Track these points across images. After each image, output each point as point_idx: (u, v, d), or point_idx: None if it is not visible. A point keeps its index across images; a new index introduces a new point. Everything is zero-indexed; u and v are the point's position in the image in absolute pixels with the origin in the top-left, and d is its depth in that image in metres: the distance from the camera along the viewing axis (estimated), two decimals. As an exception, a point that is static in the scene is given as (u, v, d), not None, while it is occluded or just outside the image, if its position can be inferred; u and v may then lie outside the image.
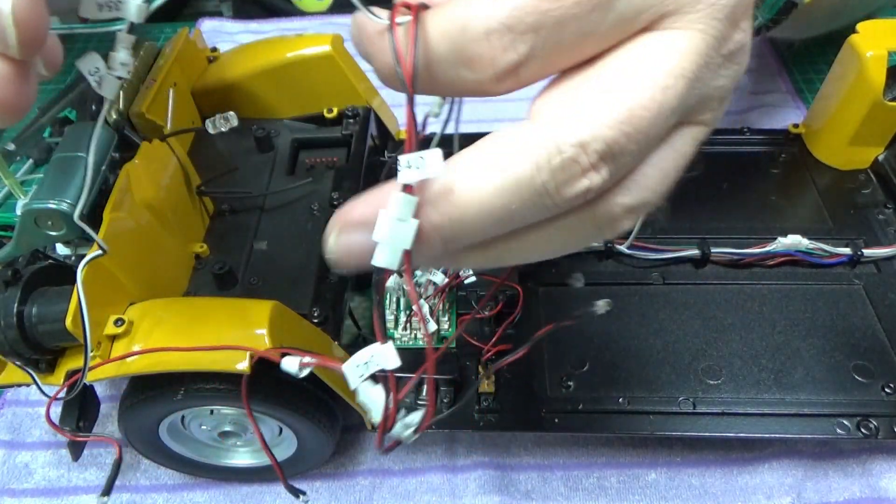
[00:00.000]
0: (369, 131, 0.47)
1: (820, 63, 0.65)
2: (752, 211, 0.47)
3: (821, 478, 0.39)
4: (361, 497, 0.39)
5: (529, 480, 0.39)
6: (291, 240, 0.41)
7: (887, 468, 0.39)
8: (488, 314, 0.40)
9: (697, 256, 0.43)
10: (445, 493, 0.39)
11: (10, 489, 0.40)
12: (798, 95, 0.62)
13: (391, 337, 0.40)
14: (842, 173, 0.49)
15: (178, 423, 0.36)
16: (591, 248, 0.44)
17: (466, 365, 0.39)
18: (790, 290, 0.42)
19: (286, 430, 0.36)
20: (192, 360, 0.30)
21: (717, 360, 0.39)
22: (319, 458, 0.39)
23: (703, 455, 0.40)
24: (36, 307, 0.32)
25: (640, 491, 0.39)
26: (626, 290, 0.43)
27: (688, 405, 0.37)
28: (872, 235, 0.45)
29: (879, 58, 0.43)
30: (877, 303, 0.41)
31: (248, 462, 0.39)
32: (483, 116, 0.62)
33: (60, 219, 0.31)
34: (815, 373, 0.38)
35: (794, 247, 0.43)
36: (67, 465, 0.41)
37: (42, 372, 0.34)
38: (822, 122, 0.49)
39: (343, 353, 0.35)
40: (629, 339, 0.40)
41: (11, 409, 0.43)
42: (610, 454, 0.40)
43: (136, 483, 0.40)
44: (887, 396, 0.37)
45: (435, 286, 0.40)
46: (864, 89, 0.44)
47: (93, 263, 0.31)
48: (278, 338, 0.30)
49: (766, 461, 0.39)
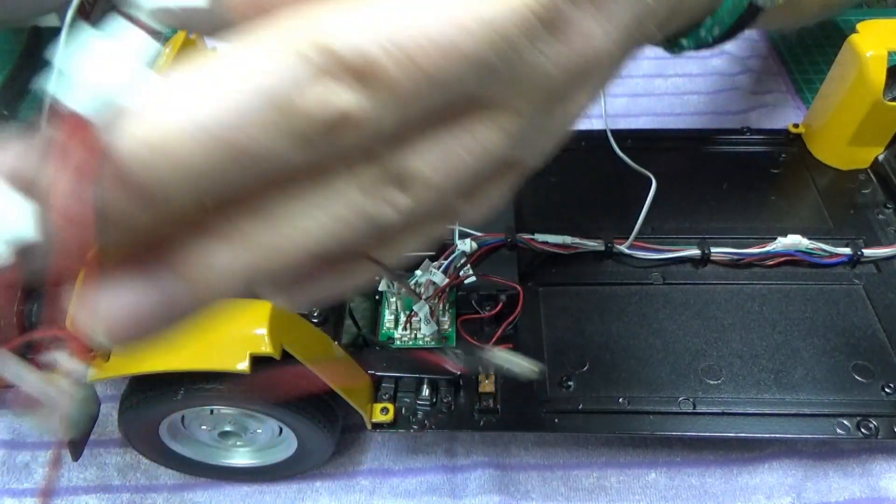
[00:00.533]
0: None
1: (820, 63, 0.65)
2: (752, 211, 0.47)
3: (821, 478, 0.39)
4: (361, 497, 0.39)
5: (529, 480, 0.39)
6: None
7: (887, 468, 0.39)
8: (488, 314, 0.40)
9: (697, 256, 0.43)
10: (445, 493, 0.39)
11: (10, 489, 0.40)
12: (798, 95, 0.62)
13: (391, 337, 0.40)
14: (842, 173, 0.49)
15: (178, 423, 0.36)
16: (592, 249, 0.44)
17: (466, 365, 0.39)
18: (790, 290, 0.42)
19: (286, 430, 0.36)
20: (192, 360, 0.30)
21: (717, 360, 0.39)
22: (319, 458, 0.39)
23: (703, 455, 0.40)
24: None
25: (640, 491, 0.39)
26: (626, 290, 0.43)
27: (688, 405, 0.37)
28: (872, 235, 0.45)
29: (879, 58, 0.43)
30: (877, 303, 0.41)
31: (248, 462, 0.39)
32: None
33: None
34: (815, 373, 0.38)
35: (794, 247, 0.43)
36: (67, 465, 0.41)
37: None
38: (822, 122, 0.49)
39: (343, 353, 0.35)
40: (629, 339, 0.40)
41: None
42: (610, 454, 0.40)
43: (136, 483, 0.40)
44: (887, 396, 0.37)
45: (435, 286, 0.40)
46: (864, 89, 0.44)
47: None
48: (278, 338, 0.30)
49: (766, 461, 0.39)
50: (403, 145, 0.15)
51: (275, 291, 0.17)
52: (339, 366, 0.35)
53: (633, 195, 0.46)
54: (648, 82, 0.64)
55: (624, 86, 0.64)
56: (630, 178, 0.48)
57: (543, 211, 0.47)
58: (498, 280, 0.40)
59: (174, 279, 0.15)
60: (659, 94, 0.63)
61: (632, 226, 0.44)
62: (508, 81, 0.15)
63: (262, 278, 0.15)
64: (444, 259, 0.41)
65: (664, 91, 0.63)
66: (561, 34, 0.15)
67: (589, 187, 0.49)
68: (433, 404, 0.37)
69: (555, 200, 0.48)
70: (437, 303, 0.40)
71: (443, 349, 0.39)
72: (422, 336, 0.40)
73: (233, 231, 0.14)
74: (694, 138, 0.53)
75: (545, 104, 0.17)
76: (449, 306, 0.41)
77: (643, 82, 0.64)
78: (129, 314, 0.15)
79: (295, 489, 0.40)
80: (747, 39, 0.68)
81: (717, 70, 0.65)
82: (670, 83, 0.64)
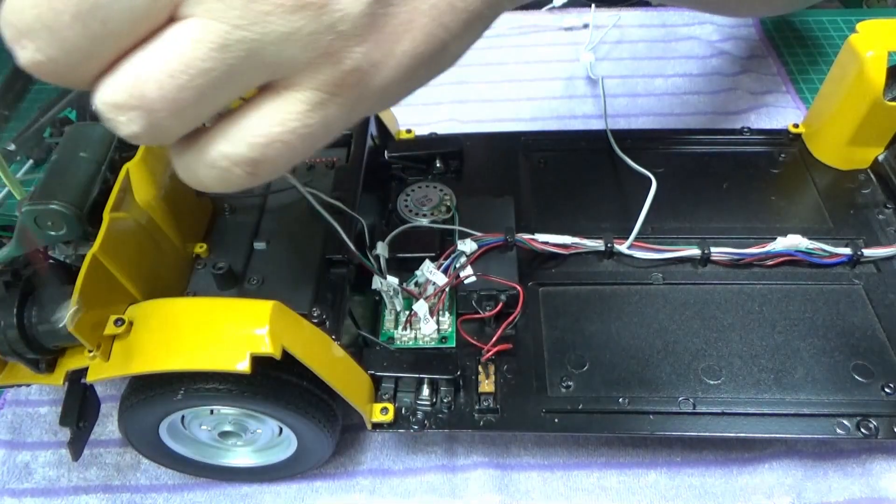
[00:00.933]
0: (369, 131, 0.47)
1: (820, 63, 0.65)
2: (752, 211, 0.47)
3: (821, 478, 0.39)
4: (361, 497, 0.39)
5: (529, 480, 0.39)
6: (291, 240, 0.41)
7: (887, 468, 0.39)
8: (488, 314, 0.40)
9: (697, 256, 0.43)
10: (445, 493, 0.39)
11: (10, 489, 0.40)
12: (798, 95, 0.62)
13: (391, 337, 0.40)
14: (842, 173, 0.49)
15: (178, 423, 0.36)
16: (592, 249, 0.44)
17: (466, 365, 0.39)
18: (790, 290, 0.42)
19: (286, 430, 0.36)
20: (192, 360, 0.30)
21: (717, 360, 0.39)
22: (319, 458, 0.39)
23: (703, 455, 0.40)
24: (36, 307, 0.32)
25: (640, 491, 0.39)
26: (626, 290, 0.43)
27: (688, 405, 0.37)
28: (872, 235, 0.45)
29: (879, 58, 0.43)
30: (877, 303, 0.41)
31: (248, 462, 0.39)
32: (482, 117, 0.62)
33: (60, 219, 0.31)
34: (814, 373, 0.38)
35: (793, 247, 0.43)
36: (67, 464, 0.41)
37: (42, 372, 0.34)
38: (822, 122, 0.49)
39: (343, 353, 0.35)
40: (629, 339, 0.40)
41: (11, 409, 0.43)
42: (610, 454, 0.40)
43: (136, 483, 0.40)
44: (887, 396, 0.37)
45: (435, 286, 0.40)
46: (864, 89, 0.44)
47: (93, 263, 0.31)
48: (278, 338, 0.30)
49: (766, 461, 0.39)
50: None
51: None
52: (339, 366, 0.35)
53: (633, 195, 0.46)
54: (648, 82, 0.64)
55: (624, 86, 0.64)
56: (630, 178, 0.48)
57: (543, 211, 0.47)
58: (498, 280, 0.40)
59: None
60: (659, 94, 0.63)
61: (632, 226, 0.44)
62: (274, 65, 0.21)
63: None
64: (444, 259, 0.41)
65: (664, 91, 0.63)
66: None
67: (589, 187, 0.49)
68: (433, 404, 0.37)
69: (555, 200, 0.48)
70: (437, 303, 0.40)
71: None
72: (422, 336, 0.40)
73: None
74: (694, 138, 0.53)
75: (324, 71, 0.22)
76: (449, 306, 0.41)
77: (643, 82, 0.64)
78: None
79: (295, 489, 0.40)
80: (747, 39, 0.68)
81: (717, 70, 0.65)
82: (670, 83, 0.64)
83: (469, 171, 0.50)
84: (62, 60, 0.20)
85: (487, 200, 0.46)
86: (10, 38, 0.19)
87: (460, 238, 0.42)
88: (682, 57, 0.66)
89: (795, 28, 0.70)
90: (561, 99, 0.63)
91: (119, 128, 0.21)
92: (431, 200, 0.46)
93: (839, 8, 0.73)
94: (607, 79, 0.63)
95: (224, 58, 0.20)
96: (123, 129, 0.21)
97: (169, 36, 0.20)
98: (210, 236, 0.42)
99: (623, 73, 0.65)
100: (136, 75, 0.20)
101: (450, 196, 0.47)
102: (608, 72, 0.65)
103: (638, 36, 0.69)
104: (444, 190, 0.47)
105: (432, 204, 0.46)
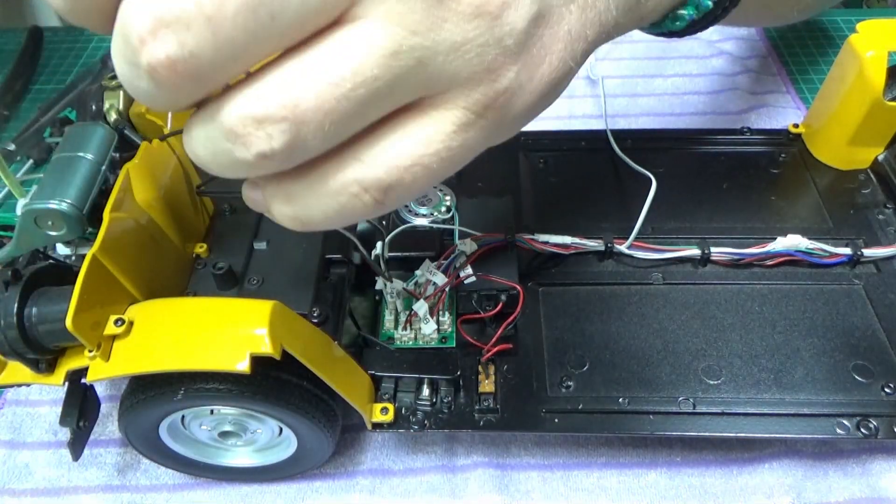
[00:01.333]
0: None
1: (820, 63, 0.65)
2: (752, 211, 0.47)
3: (821, 478, 0.39)
4: (361, 497, 0.39)
5: (529, 480, 0.39)
6: (291, 240, 0.41)
7: (887, 468, 0.39)
8: (488, 314, 0.40)
9: (697, 256, 0.43)
10: (445, 493, 0.39)
11: (11, 489, 0.40)
12: (798, 95, 0.62)
13: (391, 337, 0.40)
14: (842, 173, 0.49)
15: (178, 423, 0.36)
16: (592, 249, 0.44)
17: (466, 365, 0.39)
18: (790, 290, 0.42)
19: (286, 431, 0.36)
20: (192, 360, 0.30)
21: (717, 360, 0.39)
22: (319, 458, 0.39)
23: (703, 455, 0.40)
24: (36, 307, 0.32)
25: (640, 491, 0.39)
26: (626, 290, 0.43)
27: (688, 405, 0.37)
28: (872, 235, 0.45)
29: (879, 58, 0.43)
30: (877, 303, 0.41)
31: (248, 462, 0.39)
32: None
33: (61, 219, 0.31)
34: (814, 373, 0.38)
35: (793, 247, 0.43)
36: (67, 464, 0.41)
37: (42, 372, 0.34)
38: (822, 122, 0.49)
39: (343, 353, 0.35)
40: (629, 339, 0.40)
41: (11, 408, 0.43)
42: (610, 454, 0.40)
43: (136, 483, 0.40)
44: (887, 396, 0.37)
45: (435, 286, 0.40)
46: (864, 89, 0.44)
47: (93, 263, 0.31)
48: (278, 338, 0.30)
49: (766, 461, 0.39)
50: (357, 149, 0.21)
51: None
52: (339, 366, 0.35)
53: (633, 195, 0.46)
54: (648, 82, 0.64)
55: (624, 86, 0.64)
56: (630, 178, 0.48)
57: (543, 211, 0.47)
58: (498, 280, 0.40)
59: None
60: (659, 94, 0.63)
61: (632, 226, 0.44)
62: (434, 79, 0.20)
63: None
64: (444, 259, 0.41)
65: (664, 91, 0.63)
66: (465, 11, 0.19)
67: (589, 187, 0.49)
68: (433, 404, 0.37)
69: (555, 200, 0.48)
70: (437, 302, 0.40)
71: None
72: (422, 336, 0.40)
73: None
74: (694, 138, 0.53)
75: (482, 89, 0.21)
76: (449, 306, 0.41)
77: (643, 82, 0.64)
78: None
79: (295, 489, 0.40)
80: (747, 39, 0.68)
81: (717, 70, 0.65)
82: (670, 83, 0.64)
83: (469, 170, 0.50)
84: (207, 58, 0.17)
85: (487, 200, 0.46)
86: (141, 29, 0.16)
87: (460, 238, 0.42)
88: (682, 57, 0.66)
89: (795, 28, 0.69)
90: (561, 99, 0.63)
91: (249, 145, 0.18)
92: (431, 200, 0.46)
93: (839, 8, 0.72)
94: (607, 79, 0.63)
95: (392, 66, 0.18)
96: (254, 147, 0.18)
97: (340, 37, 0.18)
98: (210, 236, 0.42)
99: (623, 73, 0.65)
100: (291, 81, 0.18)
101: (450, 196, 0.47)
102: (608, 72, 0.65)
103: (638, 36, 0.69)
104: (444, 190, 0.47)
105: (432, 204, 0.46)
